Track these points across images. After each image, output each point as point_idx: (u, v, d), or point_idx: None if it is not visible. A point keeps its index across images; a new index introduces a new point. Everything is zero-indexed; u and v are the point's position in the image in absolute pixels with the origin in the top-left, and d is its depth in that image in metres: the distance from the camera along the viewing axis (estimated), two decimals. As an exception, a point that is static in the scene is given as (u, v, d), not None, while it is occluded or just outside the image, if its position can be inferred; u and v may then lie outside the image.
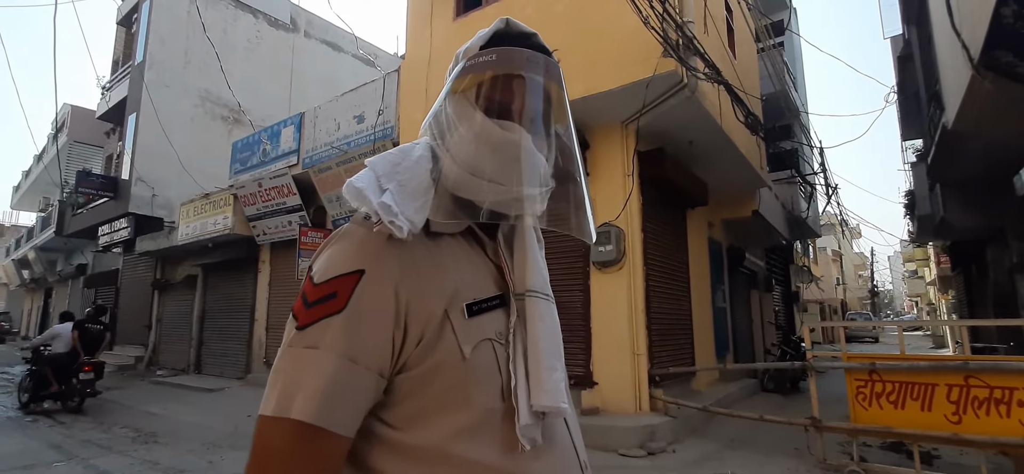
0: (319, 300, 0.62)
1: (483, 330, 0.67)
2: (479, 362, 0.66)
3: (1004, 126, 5.95)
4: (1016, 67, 4.40)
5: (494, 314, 0.70)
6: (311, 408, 0.58)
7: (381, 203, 0.64)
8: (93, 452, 5.38)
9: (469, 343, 0.65)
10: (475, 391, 0.65)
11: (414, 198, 0.67)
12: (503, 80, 0.70)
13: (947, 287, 19.89)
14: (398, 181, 0.68)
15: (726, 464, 4.70)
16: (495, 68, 0.70)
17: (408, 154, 0.73)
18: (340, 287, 0.62)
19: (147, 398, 9.02)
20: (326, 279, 0.62)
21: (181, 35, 14.59)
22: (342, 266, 0.63)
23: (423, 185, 0.69)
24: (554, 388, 0.69)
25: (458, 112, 0.71)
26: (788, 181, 11.73)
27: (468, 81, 0.71)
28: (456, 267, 0.69)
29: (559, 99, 0.75)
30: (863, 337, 23.23)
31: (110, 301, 15.69)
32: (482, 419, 0.65)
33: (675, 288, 7.26)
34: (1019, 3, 3.84)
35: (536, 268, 0.75)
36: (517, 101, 0.71)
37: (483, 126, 0.69)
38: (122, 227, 14.16)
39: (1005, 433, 3.63)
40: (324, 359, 0.60)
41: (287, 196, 9.81)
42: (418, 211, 0.66)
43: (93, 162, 17.66)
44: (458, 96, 0.72)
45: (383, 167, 0.70)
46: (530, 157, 0.69)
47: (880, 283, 50.74)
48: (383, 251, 0.64)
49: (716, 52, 6.36)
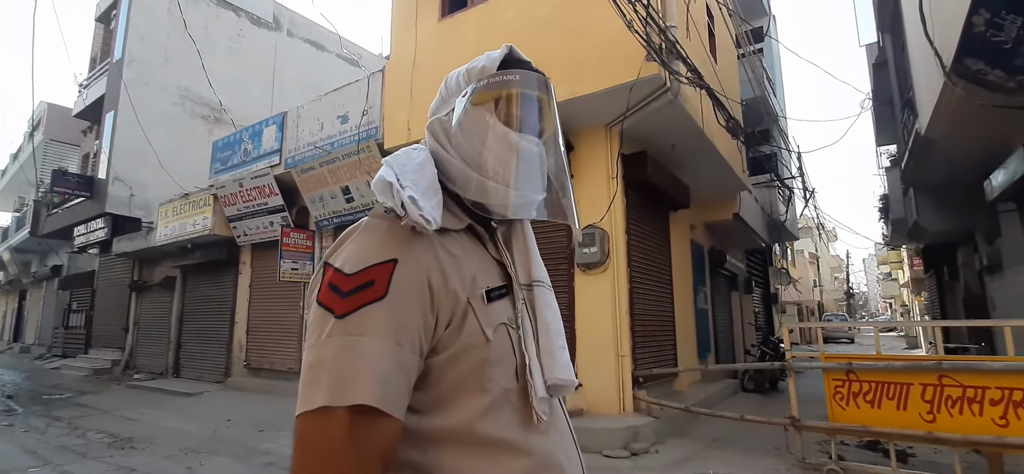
0: (357, 288, 0.63)
1: (498, 315, 0.73)
2: (498, 344, 0.71)
3: (974, 132, 6.14)
4: (986, 74, 4.55)
5: (504, 302, 0.76)
6: (373, 391, 0.59)
7: (410, 196, 0.68)
8: (68, 458, 5.24)
9: (490, 326, 0.71)
10: (495, 372, 0.70)
11: (428, 196, 0.71)
12: (524, 98, 0.79)
13: (920, 289, 20.42)
14: (412, 179, 0.72)
15: (707, 464, 4.76)
16: (518, 87, 0.79)
17: (411, 157, 0.77)
18: (377, 275, 0.64)
19: (124, 402, 8.81)
20: (361, 268, 0.65)
21: (161, 32, 14.31)
22: (375, 255, 0.65)
23: (433, 185, 0.74)
24: (565, 364, 0.79)
25: (478, 122, 0.78)
26: (767, 185, 11.94)
27: (489, 95, 0.78)
28: (468, 259, 0.74)
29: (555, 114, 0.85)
30: (839, 338, 23.69)
31: (86, 303, 15.33)
32: (501, 399, 0.70)
33: (658, 290, 7.33)
34: (990, 12, 3.98)
35: (537, 260, 0.85)
36: (534, 117, 0.80)
37: (507, 136, 0.76)
38: (99, 228, 13.83)
39: (978, 431, 3.73)
40: (374, 344, 0.61)
41: (269, 196, 9.67)
42: (435, 208, 0.71)
43: (69, 161, 17.22)
44: (478, 108, 0.78)
45: (398, 165, 0.74)
46: (541, 164, 0.80)
47: (855, 285, 51.87)
48: (410, 241, 0.68)
49: (698, 57, 6.45)
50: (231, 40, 15.71)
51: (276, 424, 6.74)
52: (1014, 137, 5.70)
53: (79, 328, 15.42)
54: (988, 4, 3.95)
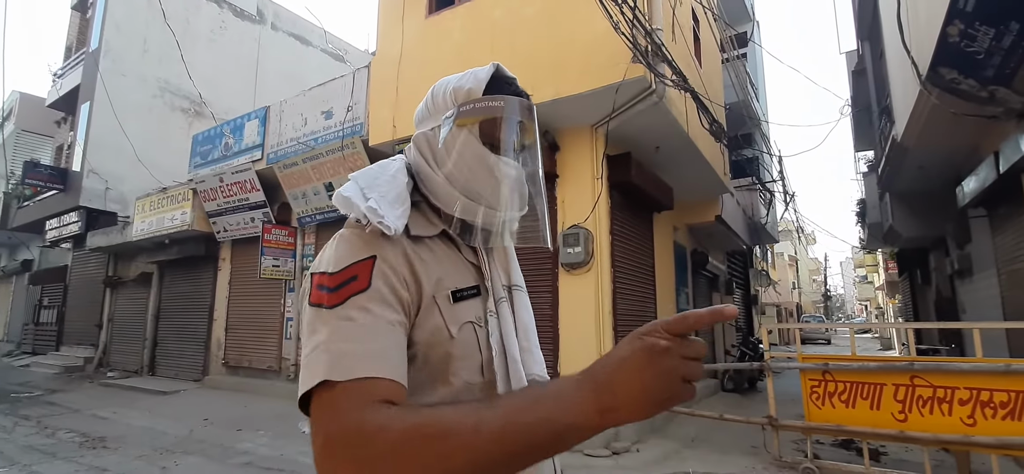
0: (343, 283, 0.68)
1: (465, 314, 0.78)
2: (463, 341, 0.76)
3: (947, 140, 6.32)
4: (959, 83, 4.68)
5: (474, 301, 0.81)
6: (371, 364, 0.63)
7: (368, 207, 0.73)
8: (36, 458, 5.09)
9: (455, 324, 0.76)
10: (459, 366, 0.75)
11: (394, 206, 0.76)
12: (507, 123, 0.83)
13: (894, 292, 20.93)
14: (379, 192, 0.77)
15: (686, 463, 4.82)
16: (504, 113, 0.82)
17: (386, 169, 0.83)
18: (359, 271, 0.69)
19: (96, 401, 8.59)
20: (344, 267, 0.70)
21: (139, 22, 13.97)
22: (355, 255, 0.71)
23: (401, 196, 0.79)
24: (540, 360, 0.86)
25: (463, 143, 0.82)
26: (749, 188, 12.12)
27: (474, 118, 0.82)
28: (437, 262, 0.79)
29: (536, 137, 0.89)
30: (816, 339, 24.16)
31: (58, 299, 14.91)
32: (464, 391, 0.74)
33: (641, 290, 7.39)
34: (964, 23, 4.09)
35: (515, 265, 0.92)
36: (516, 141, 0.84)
37: (488, 159, 0.81)
38: (72, 221, 13.46)
39: (947, 430, 3.84)
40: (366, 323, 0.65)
41: (250, 192, 9.52)
42: (399, 218, 0.75)
43: (42, 152, 16.71)
44: (462, 129, 0.82)
45: (365, 180, 0.79)
46: (521, 188, 0.84)
47: (833, 287, 52.97)
48: (383, 244, 0.73)
49: (683, 60, 6.52)
50: (213, 32, 15.41)
51: (254, 423, 6.63)
52: (984, 145, 5.88)
53: (50, 324, 15.00)
54: (962, 15, 4.06)
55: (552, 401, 0.59)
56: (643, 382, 0.58)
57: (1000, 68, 4.39)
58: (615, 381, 0.59)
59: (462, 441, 0.56)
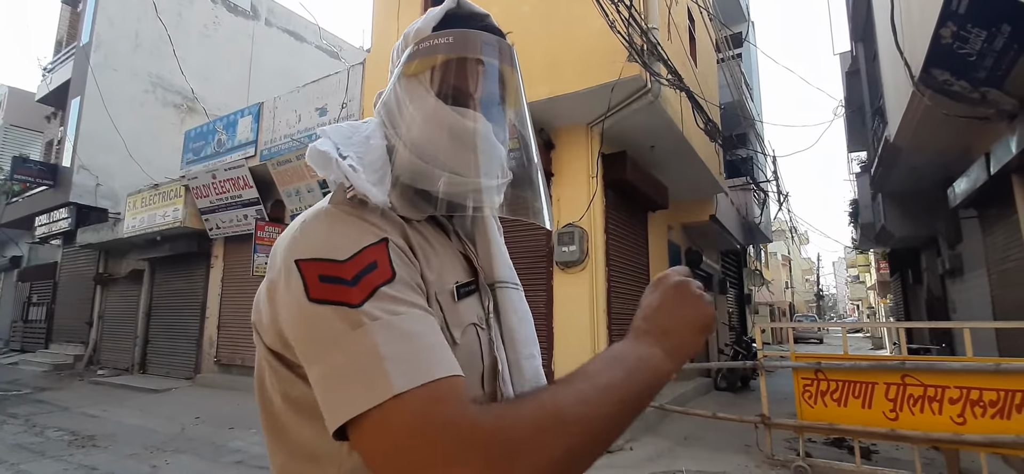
0: (362, 272, 0.54)
1: (467, 315, 0.65)
2: (466, 347, 0.63)
3: (939, 141, 6.36)
4: (951, 85, 4.71)
5: (473, 299, 0.68)
6: (441, 362, 0.51)
7: (351, 167, 0.61)
8: (24, 457, 5.03)
9: (458, 327, 0.62)
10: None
11: (373, 171, 0.64)
12: (458, 64, 0.67)
13: (886, 291, 21.11)
14: (355, 153, 0.65)
15: (679, 461, 4.83)
16: (450, 51, 0.67)
17: (358, 129, 0.70)
18: (375, 256, 0.56)
19: (86, 399, 8.51)
20: (356, 252, 0.56)
21: (131, 16, 13.83)
22: (363, 238, 0.57)
23: (379, 163, 0.66)
24: (534, 374, 0.71)
25: (411, 97, 0.68)
26: (743, 188, 12.17)
27: (420, 64, 0.68)
28: (433, 252, 0.65)
29: (515, 84, 0.73)
30: (809, 338, 24.34)
31: (47, 296, 14.76)
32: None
33: (636, 289, 7.41)
34: (957, 24, 4.12)
35: (502, 257, 0.75)
36: (474, 87, 0.68)
37: (439, 112, 0.66)
38: (62, 217, 13.32)
39: (937, 429, 3.87)
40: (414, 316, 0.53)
41: (243, 189, 9.45)
42: (378, 184, 0.63)
43: (31, 148, 16.52)
44: (411, 80, 0.68)
45: (338, 136, 0.66)
46: (488, 146, 0.67)
47: (825, 287, 53.37)
48: (384, 222, 0.61)
49: (678, 59, 6.53)
50: (206, 27, 15.28)
51: (246, 421, 6.59)
52: (975, 147, 5.92)
53: (39, 322, 14.84)
54: (955, 17, 4.09)
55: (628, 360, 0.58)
56: (685, 313, 0.63)
57: (992, 70, 4.42)
58: (664, 325, 0.62)
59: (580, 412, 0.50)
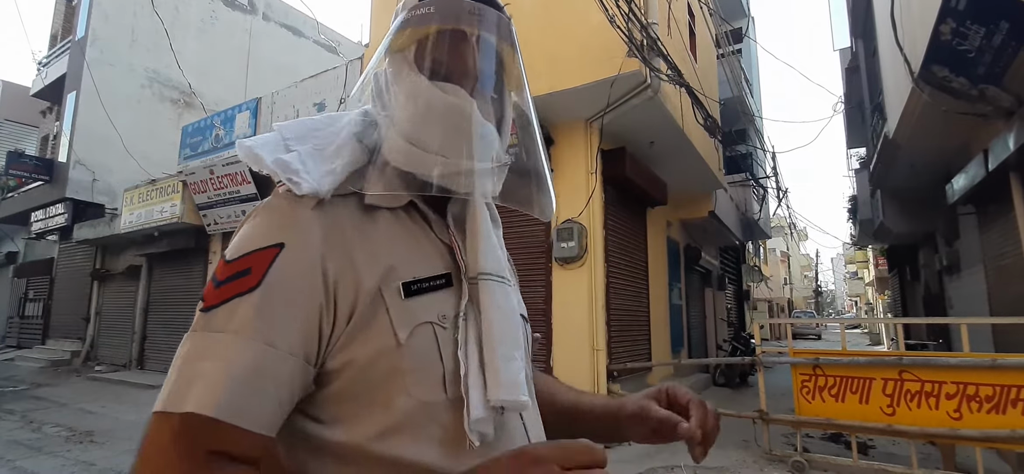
0: (229, 278, 0.54)
1: (422, 312, 0.59)
2: (416, 348, 0.58)
3: (938, 138, 6.36)
4: (951, 81, 4.71)
5: (437, 295, 0.62)
6: (209, 399, 0.48)
7: (278, 159, 0.58)
8: (21, 453, 5.02)
9: (405, 327, 0.58)
10: (411, 381, 0.57)
11: (325, 161, 0.61)
12: (447, 36, 0.63)
13: (884, 288, 21.17)
14: (314, 144, 0.62)
15: (678, 456, 4.84)
16: (435, 22, 0.63)
17: (337, 119, 0.67)
18: (254, 262, 0.54)
19: (83, 395, 8.50)
20: (239, 255, 0.55)
21: (127, 10, 13.75)
22: (259, 240, 0.55)
23: (344, 149, 0.62)
24: (512, 380, 0.61)
25: (396, 73, 0.64)
26: (742, 184, 12.17)
27: (406, 37, 0.64)
28: (391, 243, 0.61)
29: (512, 60, 0.69)
30: (807, 334, 24.41)
31: (44, 292, 14.72)
32: (418, 414, 0.57)
33: (634, 285, 7.41)
34: (956, 21, 4.11)
35: (489, 248, 0.67)
36: (462, 61, 0.64)
37: (423, 89, 0.62)
38: (58, 213, 13.27)
39: (933, 424, 3.88)
40: (232, 343, 0.51)
41: (241, 185, 9.41)
42: (327, 174, 0.59)
43: (26, 143, 16.44)
44: (397, 55, 0.65)
45: (295, 130, 0.64)
46: (478, 127, 0.63)
47: (823, 283, 53.53)
48: (307, 222, 0.57)
49: (678, 55, 6.51)
50: (203, 22, 15.21)
51: (245, 417, 6.59)
52: (974, 143, 5.93)
53: (36, 318, 14.81)
54: (954, 14, 4.08)
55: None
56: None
57: (991, 67, 4.42)
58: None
59: None
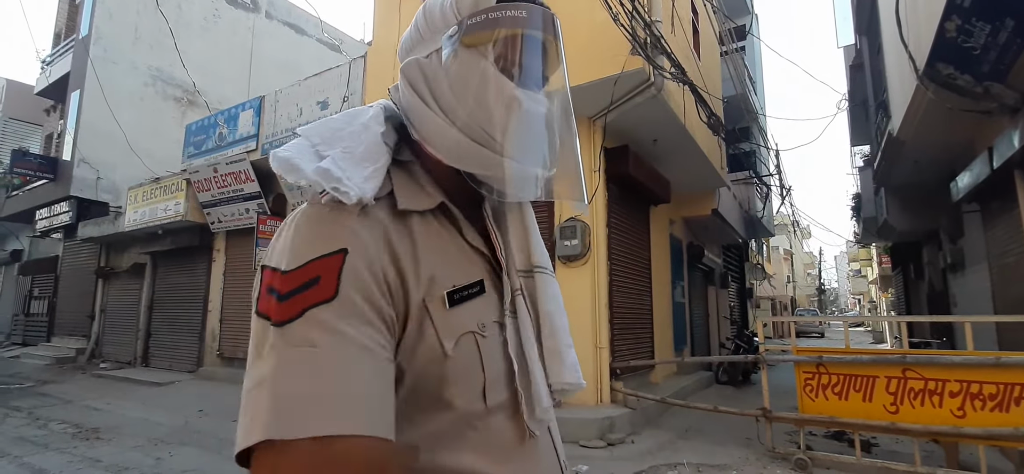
0: (299, 288, 0.50)
1: (465, 322, 0.59)
2: (461, 359, 0.57)
3: (942, 135, 6.34)
4: (955, 79, 4.69)
5: (475, 303, 0.61)
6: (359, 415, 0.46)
7: (319, 168, 0.55)
8: (27, 449, 5.06)
9: (450, 338, 0.57)
10: (454, 392, 0.57)
11: (362, 165, 0.58)
12: (527, 41, 0.63)
13: (887, 286, 21.11)
14: (343, 147, 0.59)
15: (680, 454, 4.85)
16: (526, 27, 0.62)
17: (355, 118, 0.65)
18: (322, 270, 0.51)
19: (89, 392, 8.55)
20: (301, 264, 0.51)
21: (131, 9, 13.78)
22: (318, 247, 0.52)
23: (373, 151, 0.60)
24: (573, 364, 0.67)
25: (470, 69, 0.62)
26: (745, 181, 12.15)
27: (483, 35, 0.61)
28: (429, 252, 0.59)
29: (560, 58, 0.70)
30: (810, 332, 24.37)
31: (49, 290, 14.79)
32: (459, 423, 0.57)
33: (637, 283, 7.41)
34: (961, 18, 4.09)
35: (538, 243, 0.70)
36: (539, 65, 0.64)
37: (516, 96, 0.61)
38: (63, 211, 13.34)
39: (937, 422, 3.88)
40: (336, 347, 0.48)
41: (245, 182, 9.44)
42: (368, 178, 0.57)
43: (31, 141, 16.51)
44: (471, 50, 0.62)
45: (321, 133, 0.61)
46: (547, 132, 0.64)
47: (827, 281, 53.36)
48: (357, 228, 0.54)
49: (681, 52, 6.50)
50: (206, 20, 15.22)
51: (250, 414, 6.62)
52: (979, 141, 5.90)
53: (41, 315, 14.88)
54: (960, 11, 4.06)
55: None
56: None
57: (995, 64, 4.40)
58: None
59: None
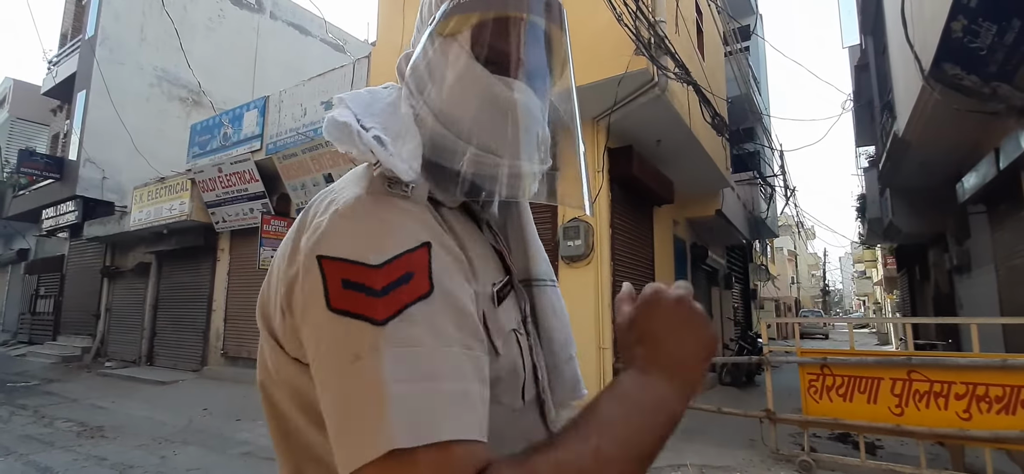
0: (393, 284, 0.46)
1: (509, 320, 0.57)
2: (508, 357, 0.56)
3: (948, 136, 6.30)
4: (962, 79, 4.66)
5: (510, 301, 0.60)
6: (463, 419, 0.44)
7: (376, 137, 0.53)
8: (34, 447, 5.09)
9: (500, 336, 0.55)
10: (502, 390, 0.54)
11: (404, 141, 0.55)
12: (502, 23, 0.58)
13: (892, 287, 21.01)
14: (380, 123, 0.57)
15: (683, 455, 4.83)
16: (494, 7, 0.57)
17: (378, 96, 0.62)
18: (413, 265, 0.47)
19: (94, 391, 8.60)
20: (390, 257, 0.47)
21: (137, 9, 13.86)
22: (401, 240, 0.48)
23: (409, 128, 0.57)
24: (573, 379, 0.66)
25: (444, 58, 0.58)
26: (749, 182, 12.11)
27: (458, 21, 0.58)
28: (470, 245, 0.56)
29: (563, 50, 0.64)
30: (815, 333, 24.27)
31: (54, 289, 14.88)
32: (504, 421, 0.54)
33: (641, 284, 7.18)
34: (967, 18, 4.07)
35: (539, 252, 0.67)
36: (519, 50, 0.58)
37: (476, 77, 0.56)
38: (69, 210, 13.43)
39: (942, 424, 3.86)
40: (443, 353, 0.45)
41: (249, 182, 9.48)
42: (414, 156, 0.54)
43: (37, 141, 16.63)
44: (446, 39, 0.59)
45: (358, 104, 0.58)
46: (532, 122, 0.58)
47: (831, 282, 53.12)
48: (430, 220, 0.52)
49: (685, 52, 6.48)
50: (211, 21, 15.30)
51: (253, 413, 6.64)
52: (985, 142, 5.86)
53: (47, 314, 14.98)
54: (966, 11, 4.04)
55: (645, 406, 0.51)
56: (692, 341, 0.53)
57: (1002, 64, 4.37)
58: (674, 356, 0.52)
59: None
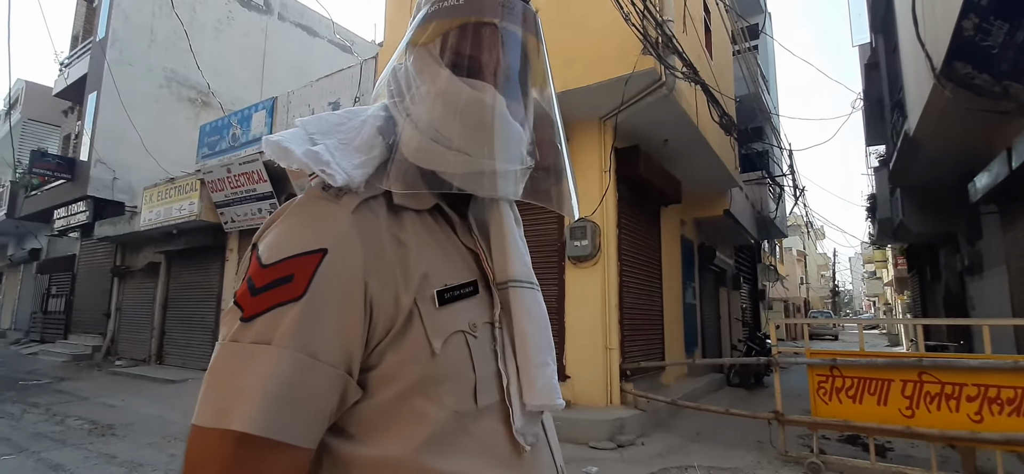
0: (270, 284, 0.52)
1: (455, 321, 0.59)
2: (449, 358, 0.58)
3: (960, 135, 6.23)
4: (973, 78, 4.61)
5: (468, 303, 0.61)
6: (256, 415, 0.48)
7: (308, 151, 0.57)
8: (45, 445, 5.15)
9: (439, 336, 0.57)
10: (444, 391, 0.57)
11: (353, 154, 0.59)
12: (473, 30, 0.62)
13: (903, 288, 20.80)
14: (338, 138, 0.61)
15: (691, 456, 4.81)
16: (462, 14, 0.61)
17: (355, 114, 0.66)
18: (297, 268, 0.52)
19: (104, 389, 8.69)
20: (279, 259, 0.52)
21: (146, 11, 14.00)
22: (298, 244, 0.53)
23: (367, 143, 0.61)
24: (546, 385, 0.63)
25: (419, 66, 0.63)
26: (758, 182, 12.03)
27: (431, 30, 0.62)
28: (422, 249, 0.60)
29: (538, 55, 0.68)
30: (824, 334, 24.05)
31: (66, 288, 15.06)
32: (450, 424, 0.57)
33: (648, 284, 7.37)
34: (979, 17, 4.02)
35: (517, 254, 0.67)
36: (488, 55, 0.62)
37: (447, 83, 0.60)
38: (80, 211, 13.58)
39: (954, 427, 3.81)
40: (275, 355, 0.50)
41: (257, 183, 9.54)
42: (359, 167, 0.58)
43: (49, 142, 16.82)
44: (420, 49, 0.63)
45: (318, 126, 0.62)
46: (504, 124, 0.61)
47: (841, 283, 52.69)
48: (346, 227, 0.55)
49: (693, 52, 6.45)
50: (220, 22, 15.41)
51: (262, 412, 6.68)
52: (997, 141, 5.79)
53: (58, 313, 15.15)
54: (978, 9, 3.99)
55: None
56: None
57: (1014, 63, 4.32)
58: None
59: None
